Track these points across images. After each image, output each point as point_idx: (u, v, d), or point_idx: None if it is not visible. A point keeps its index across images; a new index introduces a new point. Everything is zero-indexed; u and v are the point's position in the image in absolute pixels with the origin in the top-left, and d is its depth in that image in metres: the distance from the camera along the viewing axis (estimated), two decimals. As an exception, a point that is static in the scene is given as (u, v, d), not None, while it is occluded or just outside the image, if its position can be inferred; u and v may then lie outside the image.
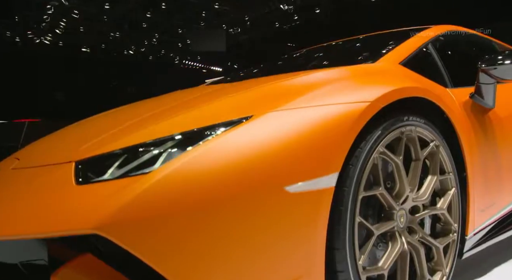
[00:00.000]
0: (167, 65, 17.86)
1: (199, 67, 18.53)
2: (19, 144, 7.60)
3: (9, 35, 14.89)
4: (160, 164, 0.97)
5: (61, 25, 14.41)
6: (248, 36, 15.20)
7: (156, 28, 14.53)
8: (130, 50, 16.83)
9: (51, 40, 15.46)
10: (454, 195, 1.40)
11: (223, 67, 18.08)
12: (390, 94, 1.17)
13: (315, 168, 0.99)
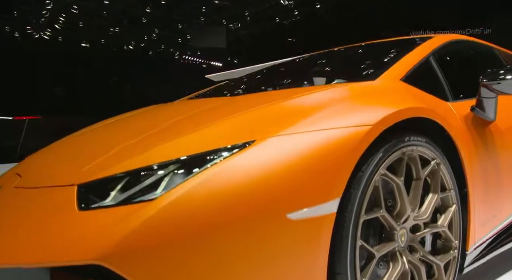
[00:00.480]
0: (167, 60, 17.81)
1: (199, 62, 18.48)
2: (19, 143, 7.61)
3: (8, 31, 14.84)
4: (163, 189, 0.97)
5: (60, 20, 14.35)
6: (248, 31, 15.14)
7: (156, 23, 14.47)
8: (130, 45, 16.77)
9: (50, 35, 15.41)
10: (455, 212, 1.40)
11: (223, 62, 18.03)
12: (392, 116, 1.17)
13: (317, 194, 1.00)
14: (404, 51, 1.71)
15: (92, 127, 2.00)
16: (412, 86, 1.50)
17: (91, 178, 1.08)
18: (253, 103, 1.33)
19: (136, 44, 16.72)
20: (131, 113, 2.16)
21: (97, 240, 0.89)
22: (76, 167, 1.20)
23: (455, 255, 1.40)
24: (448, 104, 1.59)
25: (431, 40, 1.86)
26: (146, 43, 16.63)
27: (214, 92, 2.11)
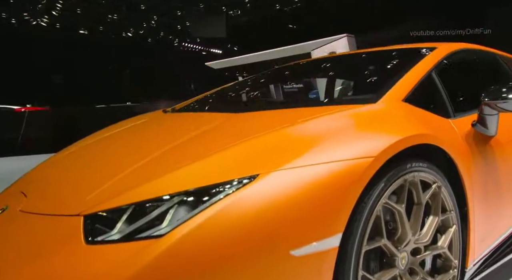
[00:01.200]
0: (166, 47, 17.65)
1: (199, 49, 18.32)
2: (20, 135, 7.60)
3: (5, 17, 14.66)
4: (168, 222, 0.99)
5: (58, 7, 14.16)
6: (248, 18, 14.96)
7: (154, 10, 14.30)
8: (129, 32, 16.60)
9: (47, 22, 15.23)
10: (455, 232, 1.42)
11: (223, 50, 17.88)
12: (394, 145, 1.17)
13: (320, 230, 1.01)
14: (406, 65, 1.70)
15: (94, 137, 2.01)
16: (414, 106, 1.50)
17: (96, 208, 1.09)
18: (255, 128, 1.33)
19: (135, 31, 16.55)
20: (131, 122, 2.16)
21: (108, 277, 0.91)
22: (81, 194, 1.21)
23: (454, 274, 1.43)
24: (450, 122, 1.59)
25: (434, 52, 1.85)
26: (145, 30, 16.46)
27: (214, 102, 2.10)
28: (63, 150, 2.02)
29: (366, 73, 1.90)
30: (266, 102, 1.80)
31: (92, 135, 2.17)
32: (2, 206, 1.39)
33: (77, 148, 1.86)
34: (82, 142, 2.05)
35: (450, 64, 1.91)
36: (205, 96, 2.55)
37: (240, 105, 1.86)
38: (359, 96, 1.62)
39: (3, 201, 1.48)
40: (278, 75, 2.69)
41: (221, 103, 1.98)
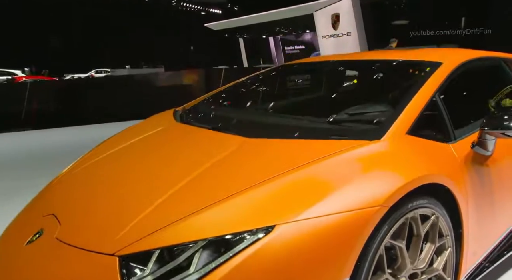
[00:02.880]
0: (163, 7, 17.16)
1: (198, 9, 17.81)
2: (23, 107, 7.64)
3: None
4: (195, 267, 1.12)
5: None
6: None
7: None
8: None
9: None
10: (450, 254, 1.57)
11: (223, 9, 17.39)
12: (399, 191, 1.28)
13: (331, 276, 1.14)
14: (410, 90, 1.76)
15: (114, 144, 2.10)
16: (417, 136, 1.59)
17: (129, 250, 1.21)
18: (267, 165, 1.42)
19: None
20: (147, 128, 2.24)
21: None
22: (112, 230, 1.32)
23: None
24: (450, 148, 1.68)
25: (438, 71, 1.88)
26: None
27: (224, 116, 2.16)
28: (85, 157, 2.11)
29: (368, 97, 1.97)
30: (274, 125, 1.87)
31: (112, 139, 2.27)
32: (38, 228, 1.52)
33: (101, 160, 1.95)
34: (102, 148, 2.14)
35: (453, 81, 1.96)
36: (213, 98, 2.61)
37: (251, 126, 1.93)
38: (363, 125, 1.69)
39: (37, 219, 1.60)
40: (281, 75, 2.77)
41: (231, 119, 2.05)
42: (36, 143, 6.73)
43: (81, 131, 7.61)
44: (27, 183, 3.88)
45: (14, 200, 3.34)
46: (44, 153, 5.92)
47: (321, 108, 2.06)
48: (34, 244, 1.44)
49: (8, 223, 1.79)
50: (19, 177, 4.44)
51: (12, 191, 3.82)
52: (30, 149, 6.25)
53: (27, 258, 1.41)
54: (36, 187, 2.13)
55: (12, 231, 1.71)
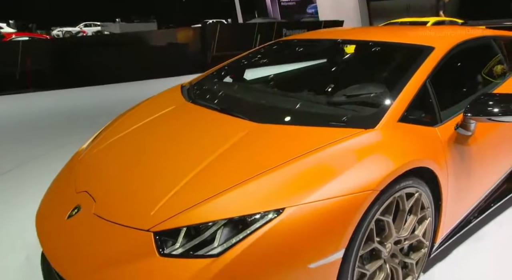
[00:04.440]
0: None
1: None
2: (17, 69, 7.56)
3: None
4: (218, 242, 1.36)
5: None
6: None
7: None
8: None
9: None
10: (430, 223, 1.84)
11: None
12: (389, 175, 1.51)
13: (329, 248, 1.40)
14: (404, 77, 1.93)
15: (133, 118, 2.29)
16: (407, 123, 1.79)
17: (162, 227, 1.44)
18: (276, 153, 1.63)
19: None
20: (159, 106, 2.41)
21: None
22: (145, 207, 1.54)
23: (425, 251, 1.88)
24: (436, 131, 1.89)
25: (431, 57, 2.05)
26: None
27: (232, 96, 2.34)
28: (105, 133, 2.30)
29: (364, 80, 2.14)
30: (279, 110, 2.05)
31: (129, 116, 2.44)
32: (75, 204, 1.74)
33: (122, 137, 2.13)
34: (121, 125, 2.32)
35: (444, 66, 2.12)
36: (216, 75, 2.76)
37: (257, 109, 2.11)
38: (359, 113, 1.87)
39: (72, 196, 1.81)
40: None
41: (237, 100, 2.23)
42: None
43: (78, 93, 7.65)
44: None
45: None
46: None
47: (320, 90, 2.23)
48: (74, 218, 1.67)
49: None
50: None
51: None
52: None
53: (70, 230, 1.64)
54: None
55: (50, 205, 1.93)
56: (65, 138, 4.61)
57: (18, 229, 2.59)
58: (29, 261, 2.26)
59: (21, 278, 2.12)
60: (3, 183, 3.39)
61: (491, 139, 2.20)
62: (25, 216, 2.74)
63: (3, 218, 2.78)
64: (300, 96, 2.19)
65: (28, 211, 2.77)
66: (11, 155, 4.11)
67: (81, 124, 5.30)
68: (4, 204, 2.98)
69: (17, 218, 2.74)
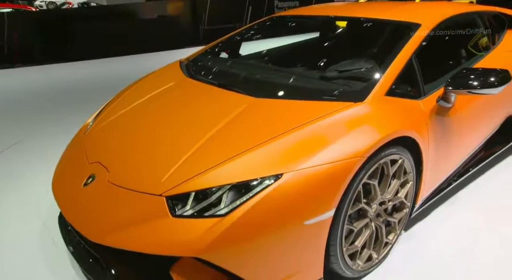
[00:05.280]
0: None
1: None
2: (4, 43, 7.43)
3: None
4: (224, 204, 1.55)
5: None
6: None
7: None
8: None
9: None
10: (411, 187, 2.04)
11: None
12: (376, 144, 1.69)
13: (322, 208, 1.59)
14: (391, 54, 2.09)
15: (138, 92, 2.43)
16: (393, 96, 1.96)
17: (172, 192, 1.62)
18: (273, 124, 1.79)
19: None
20: (161, 81, 2.54)
21: (196, 243, 1.48)
22: (156, 175, 1.71)
23: (406, 211, 2.10)
24: (419, 103, 2.06)
25: (417, 34, 2.20)
26: None
27: (229, 72, 2.47)
28: (110, 108, 2.43)
29: (354, 55, 2.29)
30: (275, 85, 2.19)
31: (131, 91, 2.57)
32: (89, 174, 1.90)
33: (128, 111, 2.28)
34: (125, 99, 2.45)
35: (428, 42, 2.28)
36: (212, 51, 2.88)
37: (254, 84, 2.26)
38: (349, 87, 2.03)
39: (85, 166, 1.97)
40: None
41: (234, 75, 2.38)
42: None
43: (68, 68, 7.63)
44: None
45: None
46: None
47: (313, 65, 2.38)
48: (90, 186, 1.84)
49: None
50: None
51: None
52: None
53: (87, 197, 1.81)
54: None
55: (64, 175, 2.09)
56: (54, 115, 4.71)
57: (32, 198, 2.75)
58: (45, 225, 2.43)
59: (41, 241, 2.30)
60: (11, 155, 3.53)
61: (469, 111, 2.39)
62: (33, 186, 2.91)
63: (16, 188, 2.93)
64: (294, 71, 2.34)
65: (39, 180, 2.93)
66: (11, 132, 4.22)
67: (72, 99, 5.37)
68: (9, 177, 3.13)
69: (29, 188, 2.90)
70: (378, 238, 1.99)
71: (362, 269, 1.91)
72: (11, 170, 3.24)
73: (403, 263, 2.04)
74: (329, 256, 1.72)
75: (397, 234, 2.09)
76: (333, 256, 1.72)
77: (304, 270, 1.67)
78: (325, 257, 1.70)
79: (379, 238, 1.99)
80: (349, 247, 1.82)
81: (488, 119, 2.70)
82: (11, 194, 2.84)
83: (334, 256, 1.73)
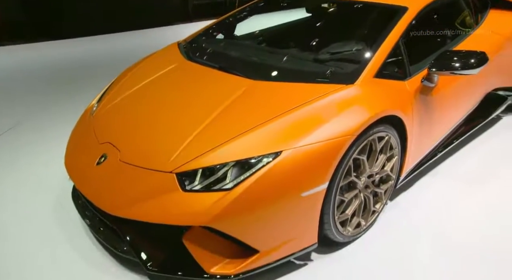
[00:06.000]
0: None
1: None
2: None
3: None
4: (229, 179, 1.73)
5: None
6: None
7: None
8: None
9: None
10: (397, 160, 2.25)
11: None
12: (365, 123, 1.87)
13: (317, 181, 1.78)
14: (379, 37, 2.24)
15: (140, 73, 2.55)
16: (381, 78, 2.13)
17: (181, 169, 1.79)
18: (271, 106, 1.95)
19: None
20: (162, 64, 2.66)
21: (206, 213, 1.66)
22: (165, 154, 1.86)
23: (392, 183, 2.31)
24: (405, 84, 2.23)
25: (404, 17, 2.34)
26: None
27: (227, 54, 2.61)
28: (113, 90, 2.56)
29: (344, 40, 2.44)
30: (272, 67, 2.33)
31: (135, 73, 2.69)
32: (101, 153, 2.05)
33: (133, 93, 2.41)
34: (129, 81, 2.58)
35: (415, 25, 2.42)
36: (210, 33, 2.99)
37: (252, 67, 2.39)
38: (341, 70, 2.17)
39: (96, 146, 2.11)
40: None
41: (233, 58, 2.52)
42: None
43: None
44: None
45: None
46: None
47: (307, 48, 2.53)
48: (103, 164, 1.99)
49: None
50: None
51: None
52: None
53: (101, 174, 1.97)
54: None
55: (75, 154, 2.24)
56: (50, 96, 4.77)
57: (42, 174, 2.91)
58: (58, 198, 2.60)
59: (57, 213, 2.48)
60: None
61: (451, 89, 2.57)
62: (43, 162, 3.05)
63: (30, 165, 3.07)
64: (288, 53, 2.48)
65: (46, 158, 3.07)
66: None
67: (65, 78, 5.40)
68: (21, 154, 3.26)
69: (40, 164, 3.05)
70: (366, 207, 2.21)
71: (351, 234, 2.13)
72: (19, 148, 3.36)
73: (387, 229, 2.27)
74: (323, 224, 1.93)
75: (383, 203, 2.31)
76: (326, 223, 1.93)
77: (301, 236, 1.88)
78: (319, 225, 1.91)
79: (367, 207, 2.21)
80: (340, 215, 2.03)
81: (469, 96, 2.89)
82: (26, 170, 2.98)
83: (327, 223, 1.94)
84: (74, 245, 2.21)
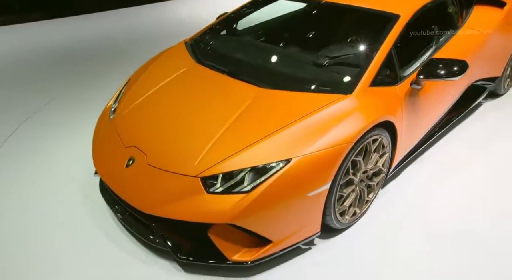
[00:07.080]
0: None
1: None
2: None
3: None
4: (247, 183, 2.03)
5: None
6: None
7: None
8: None
9: None
10: (388, 156, 2.57)
11: None
12: (362, 130, 2.16)
13: (321, 182, 2.09)
14: (374, 47, 2.48)
15: (152, 85, 2.76)
16: (375, 86, 2.40)
17: (205, 174, 2.07)
18: (280, 115, 2.21)
19: None
20: (174, 67, 2.86)
21: (229, 213, 1.97)
22: (189, 159, 2.13)
23: (383, 175, 2.65)
24: (396, 89, 2.51)
25: (397, 25, 2.57)
26: None
27: (235, 58, 2.83)
28: (130, 92, 2.77)
29: (344, 52, 2.69)
30: (279, 75, 2.57)
31: (147, 73, 2.90)
32: (128, 156, 2.31)
33: (148, 98, 2.63)
34: (141, 85, 2.79)
35: (405, 31, 2.65)
36: (217, 30, 3.17)
37: (261, 74, 2.63)
38: (341, 79, 2.43)
39: (123, 150, 2.36)
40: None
41: (243, 63, 2.75)
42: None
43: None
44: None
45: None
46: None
47: (307, 49, 2.83)
48: (132, 167, 2.26)
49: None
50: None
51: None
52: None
53: (131, 176, 2.24)
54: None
55: (103, 157, 2.49)
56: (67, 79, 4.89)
57: (64, 166, 3.17)
58: (82, 189, 2.89)
59: (83, 204, 2.77)
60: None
61: (436, 88, 2.85)
62: (59, 159, 3.30)
63: (52, 158, 3.32)
64: (291, 57, 2.71)
65: (62, 154, 3.32)
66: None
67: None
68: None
69: (61, 159, 3.30)
70: (361, 197, 2.55)
71: (348, 222, 2.49)
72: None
73: (378, 214, 2.62)
74: (325, 215, 2.27)
75: (376, 193, 2.65)
76: (328, 215, 2.27)
77: (307, 227, 2.22)
78: (322, 216, 2.24)
79: (361, 197, 2.55)
80: (339, 207, 2.37)
81: (453, 90, 3.19)
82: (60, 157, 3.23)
83: (328, 215, 2.28)
84: (108, 235, 2.52)
